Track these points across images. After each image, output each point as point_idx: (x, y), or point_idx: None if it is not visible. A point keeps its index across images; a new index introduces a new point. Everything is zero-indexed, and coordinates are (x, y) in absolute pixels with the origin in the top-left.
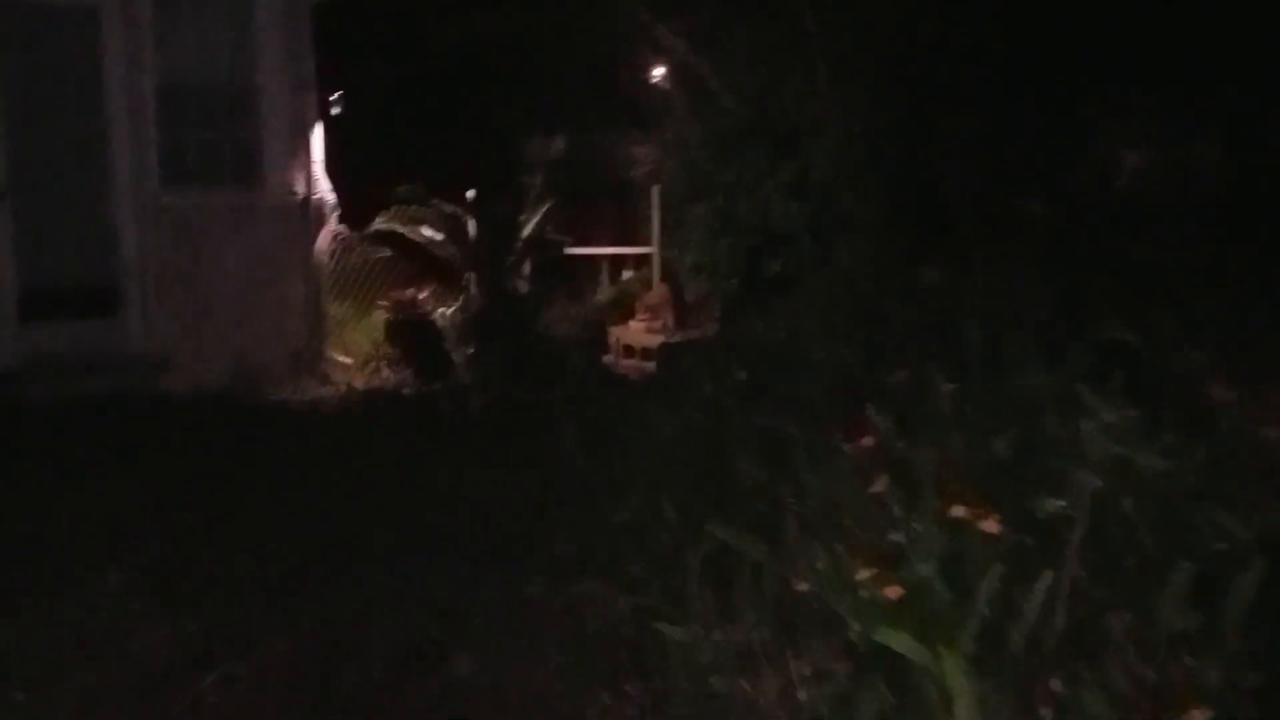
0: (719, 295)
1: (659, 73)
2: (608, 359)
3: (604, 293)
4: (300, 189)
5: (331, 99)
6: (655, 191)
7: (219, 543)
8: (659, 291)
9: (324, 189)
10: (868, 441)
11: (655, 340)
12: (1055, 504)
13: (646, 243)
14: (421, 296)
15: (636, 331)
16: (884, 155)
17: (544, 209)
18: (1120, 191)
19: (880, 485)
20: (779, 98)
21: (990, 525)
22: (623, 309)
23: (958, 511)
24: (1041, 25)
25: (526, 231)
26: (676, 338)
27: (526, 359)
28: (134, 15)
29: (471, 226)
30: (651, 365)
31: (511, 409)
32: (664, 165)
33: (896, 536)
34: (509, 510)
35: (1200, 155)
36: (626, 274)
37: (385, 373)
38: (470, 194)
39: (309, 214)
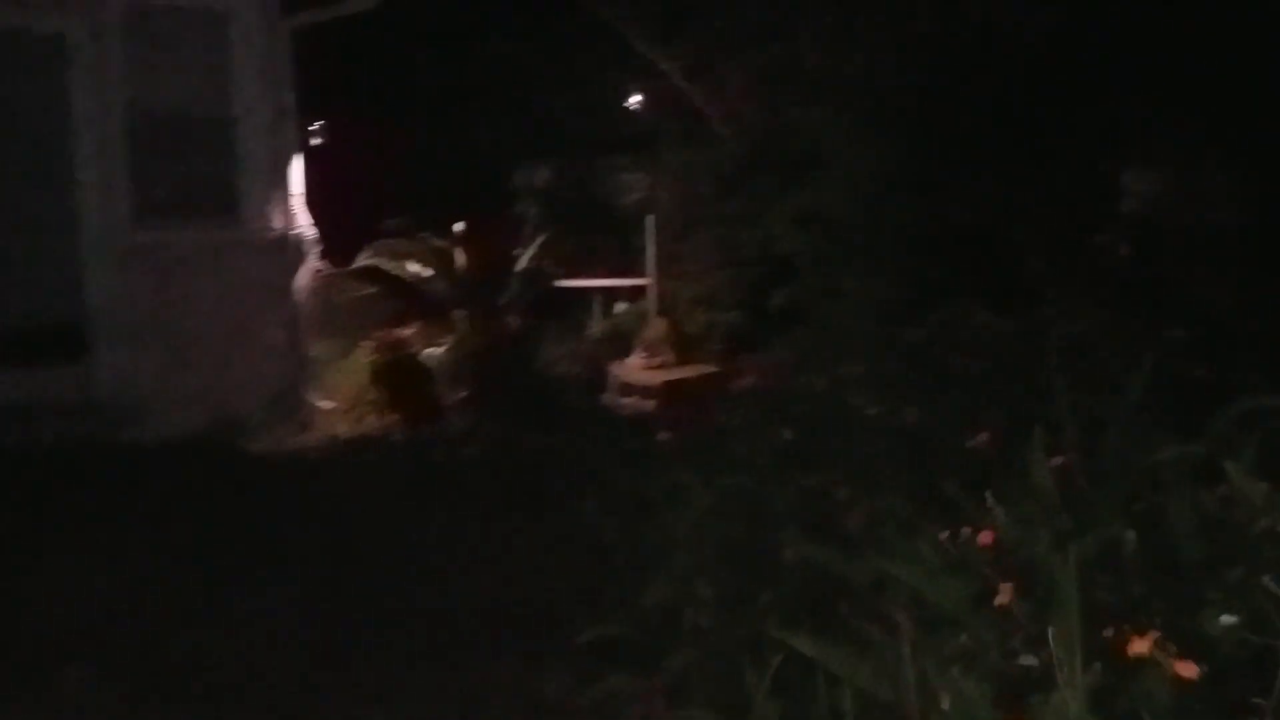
0: (720, 329)
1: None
2: (605, 397)
3: (598, 327)
4: (279, 224)
5: (312, 128)
6: (650, 221)
7: (186, 625)
8: (658, 326)
9: (304, 224)
10: (985, 539)
11: (656, 378)
12: (1230, 621)
13: (641, 274)
14: (409, 336)
15: (635, 368)
16: (898, 187)
17: (539, 241)
18: (1150, 223)
19: (1006, 595)
20: (781, 128)
21: (1186, 669)
22: (619, 344)
23: (1139, 648)
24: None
25: (521, 265)
26: (678, 375)
27: (523, 402)
28: (103, 42)
29: (461, 261)
30: (652, 404)
31: (510, 458)
32: (660, 194)
33: (1028, 659)
34: (518, 585)
35: (1224, 185)
36: (620, 306)
37: (371, 418)
38: (459, 227)
39: (289, 250)
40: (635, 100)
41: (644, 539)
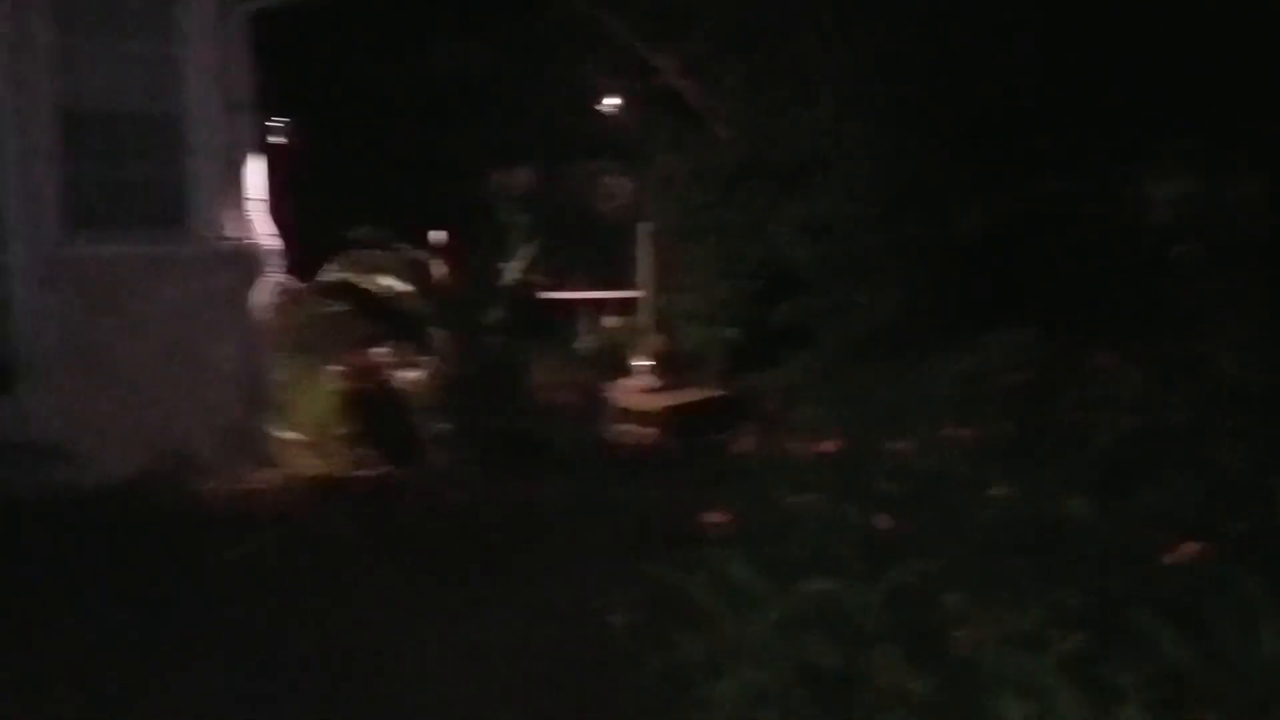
0: (719, 346)
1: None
2: (603, 428)
3: (586, 343)
4: (234, 233)
5: (272, 124)
6: (643, 229)
7: None
8: (655, 343)
9: (262, 233)
10: None
11: (656, 403)
12: None
13: (632, 285)
14: (382, 359)
15: (632, 391)
16: (912, 194)
17: (527, 252)
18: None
19: None
20: (781, 130)
21: None
22: (610, 363)
23: None
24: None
25: (507, 279)
26: (680, 400)
27: (513, 437)
28: (29, 30)
29: (440, 274)
30: (653, 432)
31: (500, 507)
32: (653, 200)
33: None
34: (506, 706)
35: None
36: (609, 321)
37: (340, 454)
38: (437, 236)
39: (245, 263)
40: (613, 102)
41: (686, 652)
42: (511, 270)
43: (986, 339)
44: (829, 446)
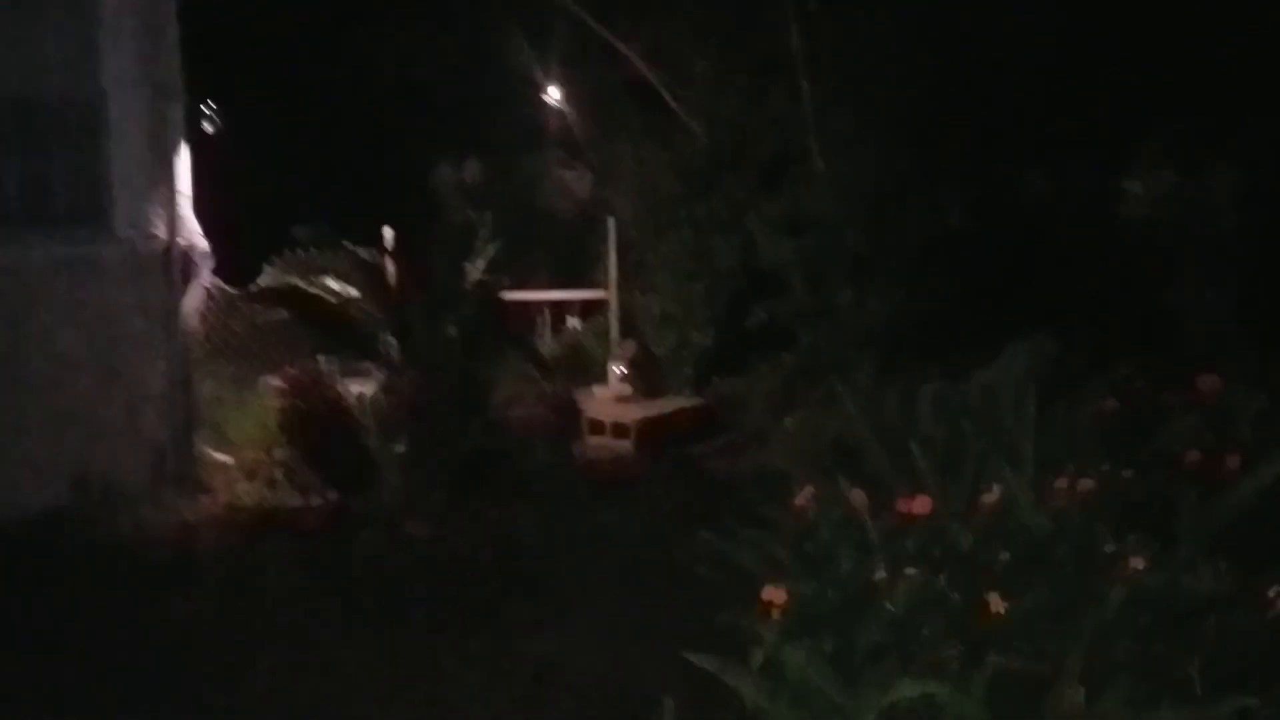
0: (692, 350)
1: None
2: (575, 446)
3: (547, 348)
4: (161, 233)
5: (204, 112)
6: (611, 224)
7: None
8: (626, 349)
9: (194, 231)
10: None
11: (629, 413)
12: None
13: (597, 285)
14: (329, 372)
15: (604, 401)
16: (898, 189)
17: (487, 251)
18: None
19: None
20: (758, 121)
21: None
22: (575, 369)
23: None
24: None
25: (468, 282)
26: (655, 411)
27: (478, 458)
28: None
29: (394, 277)
30: (626, 445)
31: (468, 542)
32: (619, 195)
33: None
34: None
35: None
36: (572, 322)
37: (282, 480)
38: (389, 234)
39: (173, 265)
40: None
41: None
42: (472, 271)
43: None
44: (913, 505)
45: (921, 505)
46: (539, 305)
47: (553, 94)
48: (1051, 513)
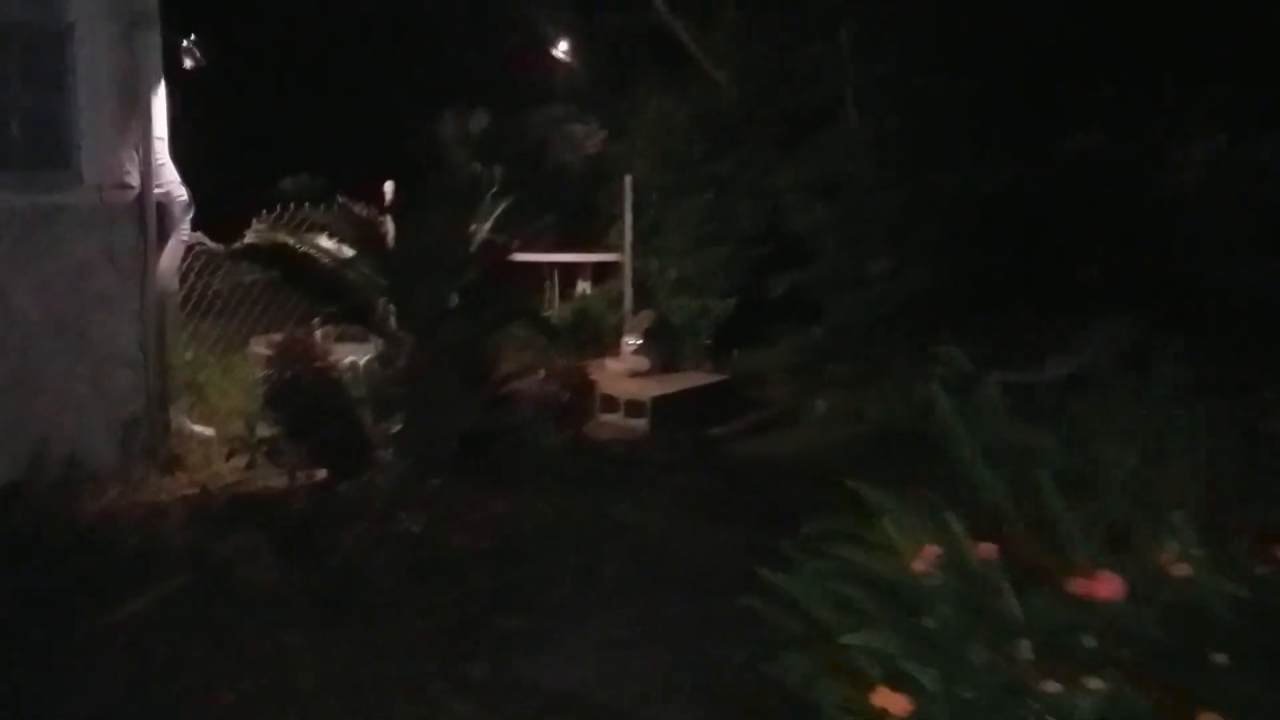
0: (710, 320)
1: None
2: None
3: (556, 314)
4: (134, 180)
5: (184, 45)
6: (627, 183)
7: None
8: (642, 319)
9: (171, 180)
10: None
11: (644, 389)
12: None
13: (609, 248)
14: (320, 339)
15: (616, 375)
16: (939, 148)
17: (498, 209)
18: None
19: None
20: (788, 74)
21: None
22: (586, 338)
23: None
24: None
25: (476, 243)
26: (672, 387)
27: (482, 436)
28: None
29: (393, 235)
30: (641, 424)
31: (471, 535)
32: (637, 151)
33: None
34: None
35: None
36: (582, 287)
37: (266, 457)
38: (389, 188)
39: (147, 217)
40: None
41: None
42: (478, 231)
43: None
44: (1096, 585)
45: (1109, 587)
46: (546, 268)
47: (564, 43)
48: (1260, 584)
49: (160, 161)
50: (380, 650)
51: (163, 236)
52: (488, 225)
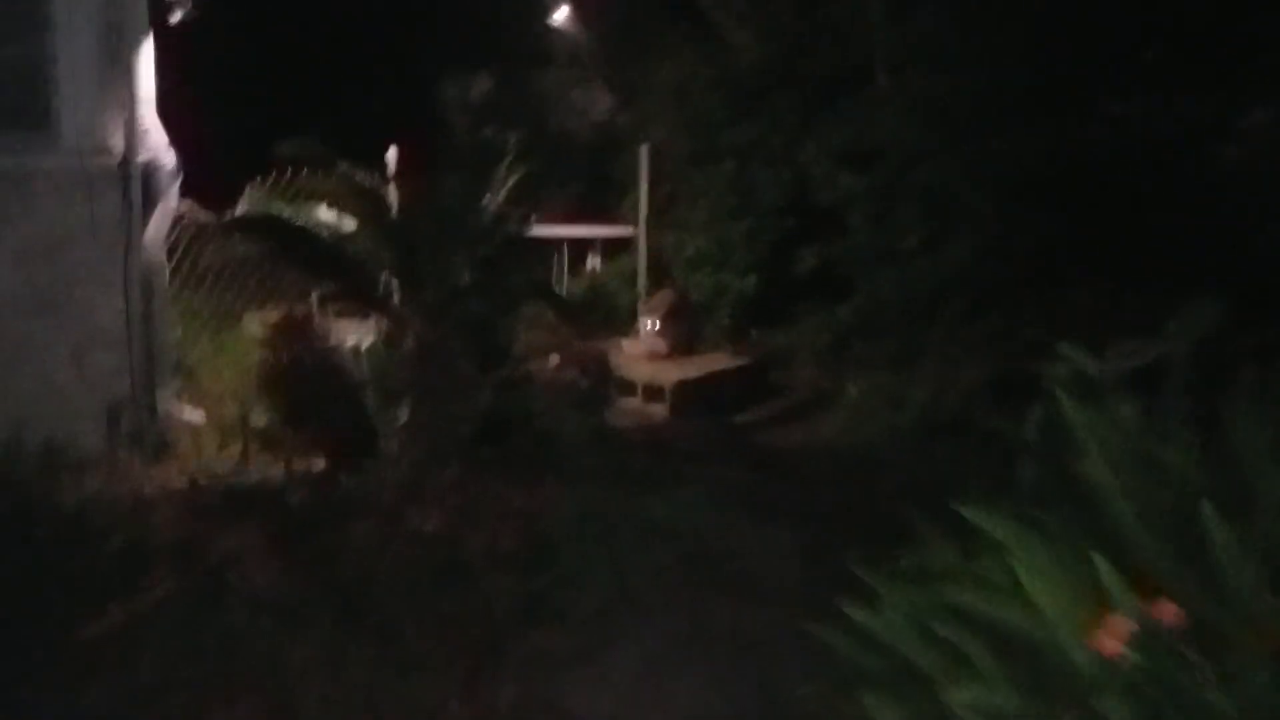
0: (731, 297)
1: None
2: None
3: (568, 291)
4: (117, 143)
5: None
6: (643, 152)
7: None
8: (661, 298)
9: (158, 144)
10: None
11: (666, 374)
12: None
13: (623, 221)
14: (320, 318)
15: (635, 358)
16: (982, 114)
17: (512, 180)
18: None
19: None
20: (814, 31)
21: None
22: (600, 318)
23: None
24: None
25: (489, 215)
26: (694, 371)
27: (496, 424)
28: None
29: (398, 206)
30: (661, 410)
31: (488, 535)
32: (653, 117)
33: None
34: None
35: None
36: (593, 262)
37: (263, 444)
38: (393, 155)
39: (132, 183)
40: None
41: None
42: (492, 203)
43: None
44: None
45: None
46: (556, 242)
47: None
48: None
49: (146, 124)
50: (394, 668)
51: (148, 205)
52: (501, 196)
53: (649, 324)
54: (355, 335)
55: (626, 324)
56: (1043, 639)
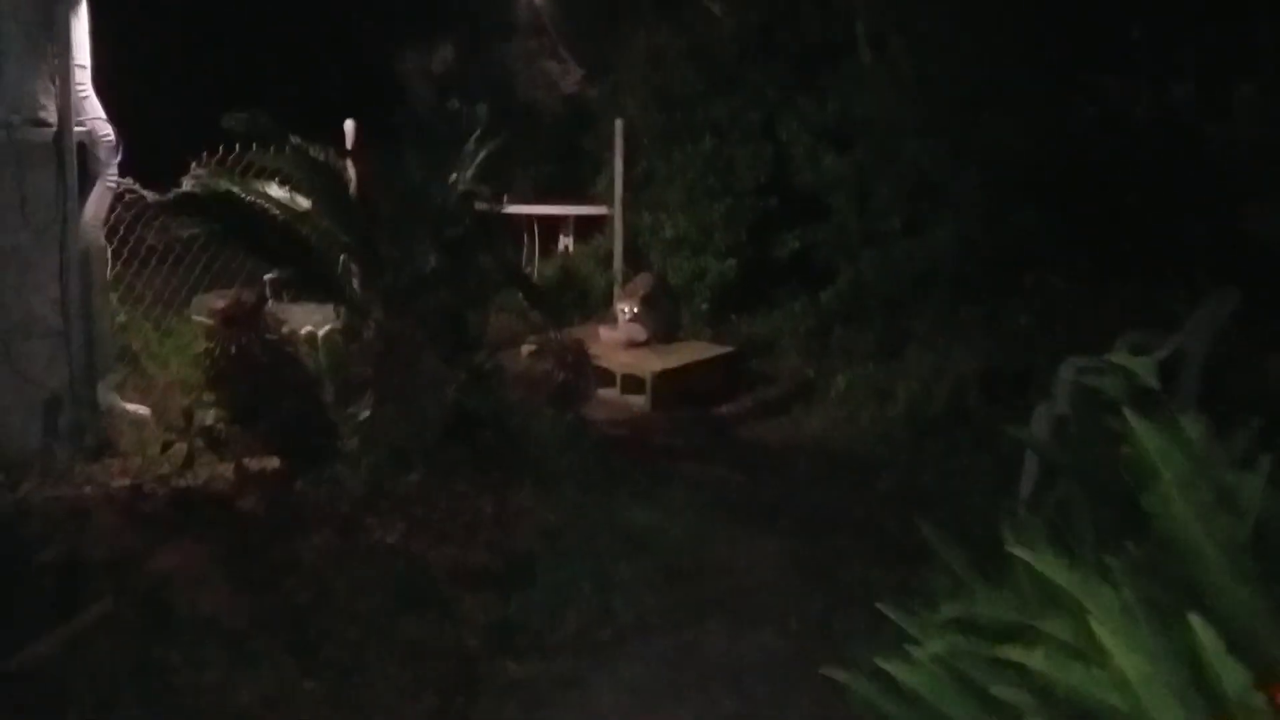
0: (710, 281)
1: None
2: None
3: (537, 272)
4: (50, 115)
5: None
6: (618, 127)
7: None
8: (640, 282)
9: (95, 116)
10: None
11: (645, 363)
12: None
13: (596, 200)
14: (272, 305)
15: (612, 346)
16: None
17: (483, 153)
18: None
19: None
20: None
21: None
22: (571, 303)
23: None
24: None
25: (457, 192)
26: (676, 360)
27: (465, 420)
28: None
29: (356, 183)
30: (641, 402)
31: (458, 547)
32: (626, 90)
33: None
34: None
35: None
36: (565, 243)
37: (210, 442)
38: (351, 128)
39: (67, 160)
40: None
41: None
42: (459, 181)
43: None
44: None
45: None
46: (526, 221)
47: None
48: None
49: (83, 94)
50: (353, 705)
51: (86, 182)
52: (470, 172)
53: (627, 310)
54: (311, 323)
55: (602, 308)
56: (1130, 713)
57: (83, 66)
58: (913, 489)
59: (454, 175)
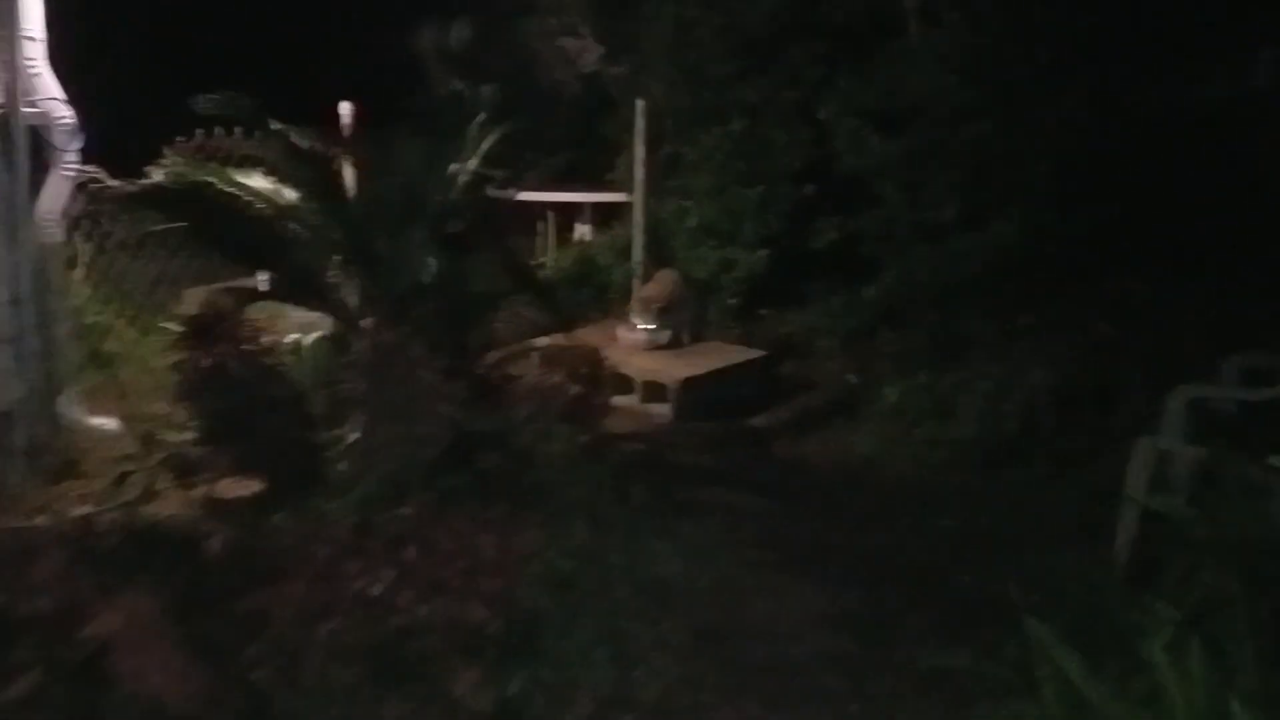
0: (738, 274)
1: None
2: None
3: (551, 263)
4: (1, 97)
5: None
6: (640, 109)
7: None
8: (662, 279)
9: (50, 96)
10: None
11: (670, 369)
12: None
13: (616, 186)
14: (252, 311)
15: (631, 349)
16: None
17: (489, 140)
18: None
19: None
20: None
21: None
22: (587, 295)
23: None
24: None
25: (459, 185)
26: (703, 366)
27: (467, 441)
28: None
29: (351, 175)
30: (663, 411)
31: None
32: (651, 70)
33: None
34: None
35: None
36: (582, 232)
37: (180, 461)
38: (345, 110)
39: (17, 144)
40: None
41: None
42: (463, 171)
43: None
44: None
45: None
46: (541, 208)
47: None
48: None
49: (35, 70)
50: None
51: (40, 171)
52: (474, 162)
53: (648, 309)
54: (295, 331)
55: (620, 302)
56: None
57: (32, 39)
58: (982, 531)
59: (454, 165)
